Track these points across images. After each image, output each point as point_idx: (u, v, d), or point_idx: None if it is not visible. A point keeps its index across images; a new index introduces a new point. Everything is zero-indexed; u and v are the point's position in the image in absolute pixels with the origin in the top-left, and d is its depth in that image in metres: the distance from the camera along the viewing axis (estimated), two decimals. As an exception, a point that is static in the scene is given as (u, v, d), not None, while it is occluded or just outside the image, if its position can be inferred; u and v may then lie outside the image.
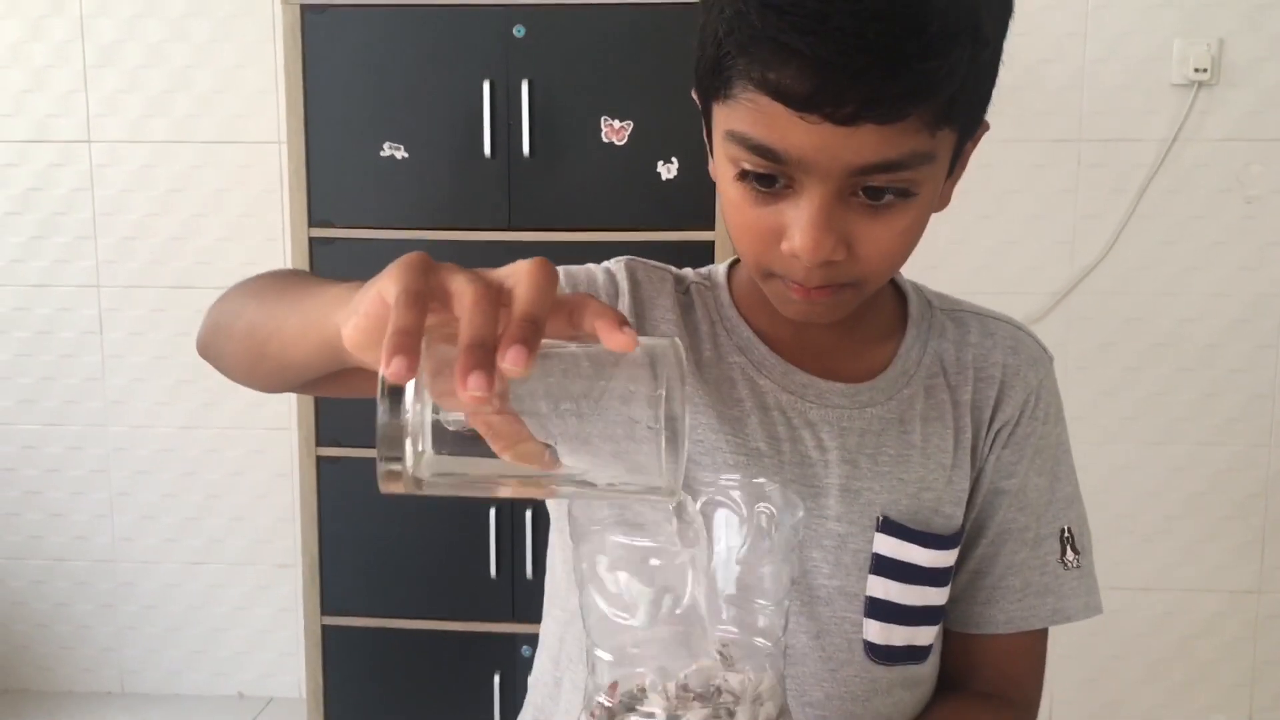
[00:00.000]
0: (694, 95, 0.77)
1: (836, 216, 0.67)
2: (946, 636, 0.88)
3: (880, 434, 0.81)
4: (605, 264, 0.87)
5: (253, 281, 0.75)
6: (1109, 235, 2.33)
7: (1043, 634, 0.88)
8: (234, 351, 0.72)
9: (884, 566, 0.80)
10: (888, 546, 0.80)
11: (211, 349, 0.76)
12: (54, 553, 2.60)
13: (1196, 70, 2.24)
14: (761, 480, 0.59)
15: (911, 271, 0.98)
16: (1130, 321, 2.35)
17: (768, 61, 0.63)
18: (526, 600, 2.11)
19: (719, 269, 0.88)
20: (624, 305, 0.83)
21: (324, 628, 2.14)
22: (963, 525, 0.84)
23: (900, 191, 0.67)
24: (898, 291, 0.89)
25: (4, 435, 2.56)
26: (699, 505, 0.57)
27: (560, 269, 0.81)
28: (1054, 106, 2.30)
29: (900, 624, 0.81)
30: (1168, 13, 2.26)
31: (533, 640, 2.12)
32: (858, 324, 0.83)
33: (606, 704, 0.56)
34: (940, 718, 0.84)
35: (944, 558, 0.82)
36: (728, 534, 0.57)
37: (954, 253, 2.29)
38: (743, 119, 0.66)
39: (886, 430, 0.81)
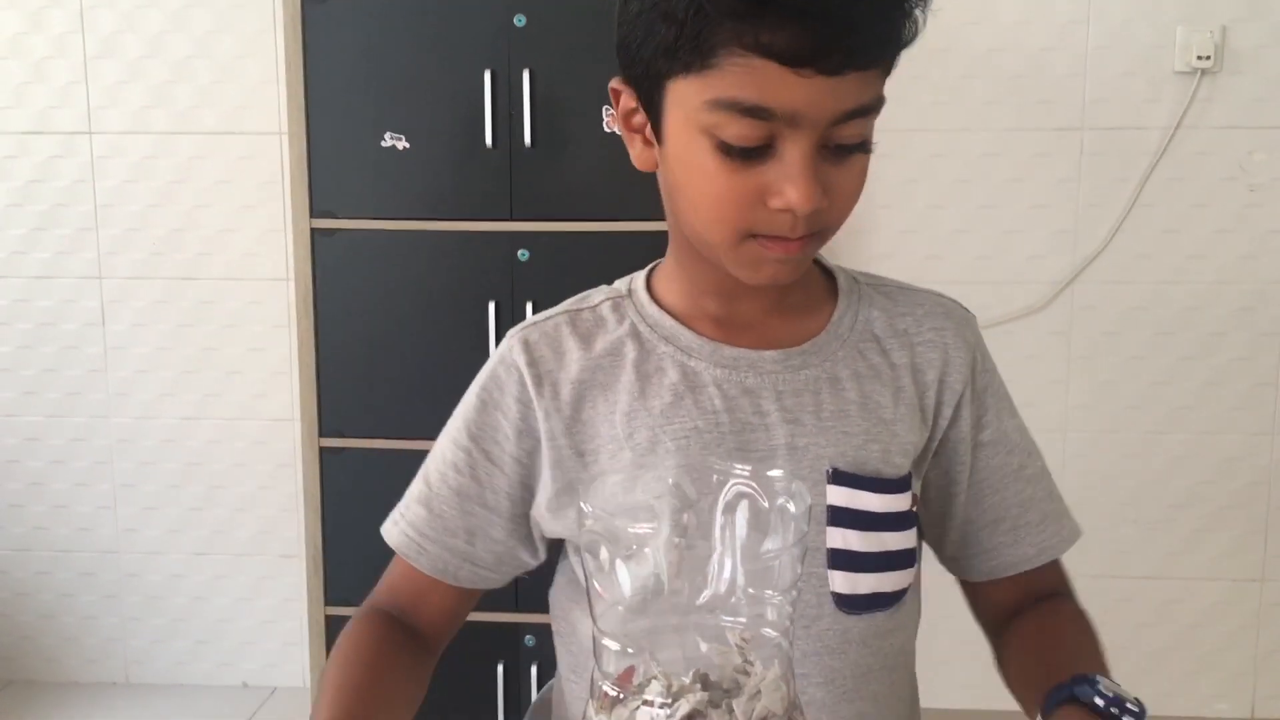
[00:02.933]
0: (620, 84, 0.80)
1: (819, 167, 0.73)
2: (988, 592, 0.93)
3: (817, 393, 0.84)
4: (498, 351, 0.89)
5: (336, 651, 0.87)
6: (1111, 224, 2.32)
7: (1060, 562, 0.93)
8: None
9: (840, 517, 0.83)
10: (841, 497, 0.83)
11: None
12: (58, 544, 2.60)
13: (1199, 58, 2.23)
14: (775, 473, 0.59)
15: (913, 262, 0.99)
16: (1133, 310, 2.35)
17: (760, 25, 0.67)
18: (529, 590, 2.09)
19: (637, 277, 0.92)
20: (529, 380, 0.85)
21: (328, 618, 2.15)
22: (909, 475, 0.86)
23: (860, 145, 0.74)
24: (824, 270, 0.92)
25: (7, 427, 2.56)
26: (723, 496, 0.57)
27: (474, 390, 0.88)
28: (1056, 95, 2.30)
29: (864, 572, 0.84)
30: (1170, 0, 2.25)
31: (536, 630, 2.13)
32: (786, 296, 0.87)
33: (610, 691, 0.56)
34: (1027, 631, 0.88)
35: (896, 501, 0.84)
36: (747, 525, 0.57)
37: (956, 242, 2.29)
38: (731, 84, 0.70)
39: (822, 389, 0.84)
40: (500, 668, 2.13)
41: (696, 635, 0.56)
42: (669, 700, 0.54)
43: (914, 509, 0.87)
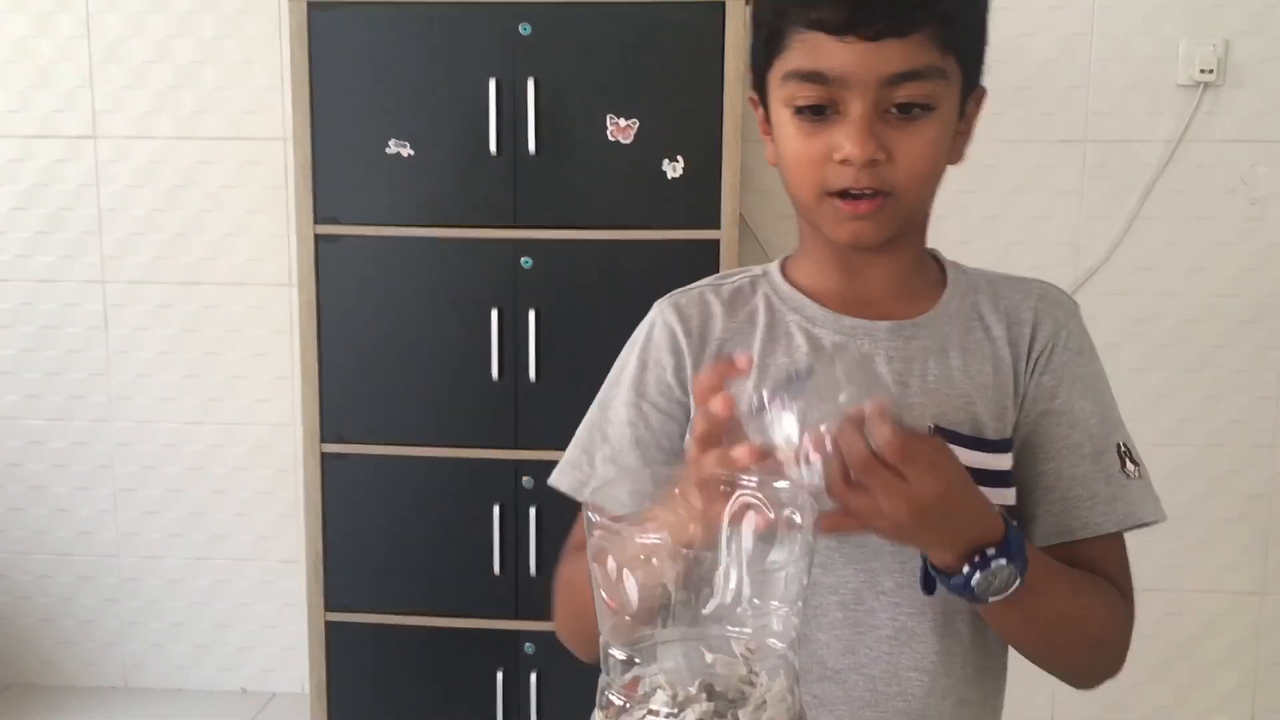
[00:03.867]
0: (751, 95, 0.94)
1: (876, 126, 0.84)
2: None
3: (924, 360, 0.93)
4: (648, 318, 1.00)
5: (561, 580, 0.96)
6: (1114, 236, 2.33)
7: (1120, 542, 0.95)
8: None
9: None
10: None
11: (566, 635, 0.97)
12: (58, 548, 2.60)
13: (1202, 71, 2.24)
14: (781, 484, 0.61)
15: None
16: (1135, 322, 2.35)
17: (812, 5, 0.82)
18: (530, 597, 2.11)
19: (772, 262, 1.03)
20: (683, 337, 0.97)
21: (328, 623, 2.15)
22: (1011, 439, 0.93)
23: (924, 106, 0.84)
24: (939, 265, 1.02)
25: (8, 430, 2.56)
26: (729, 507, 0.57)
27: (632, 353, 0.99)
28: (1059, 107, 2.30)
29: None
30: (1174, 13, 2.26)
31: (535, 637, 2.13)
32: (903, 278, 0.96)
33: (616, 700, 0.56)
34: (1061, 568, 0.90)
35: (996, 460, 0.91)
36: (754, 536, 0.57)
37: (959, 253, 2.28)
38: (795, 58, 0.85)
39: (929, 357, 0.93)
40: (500, 675, 2.13)
41: (702, 645, 0.56)
42: (674, 710, 0.54)
43: (1013, 470, 0.92)
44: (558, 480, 0.99)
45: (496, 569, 2.09)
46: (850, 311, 0.95)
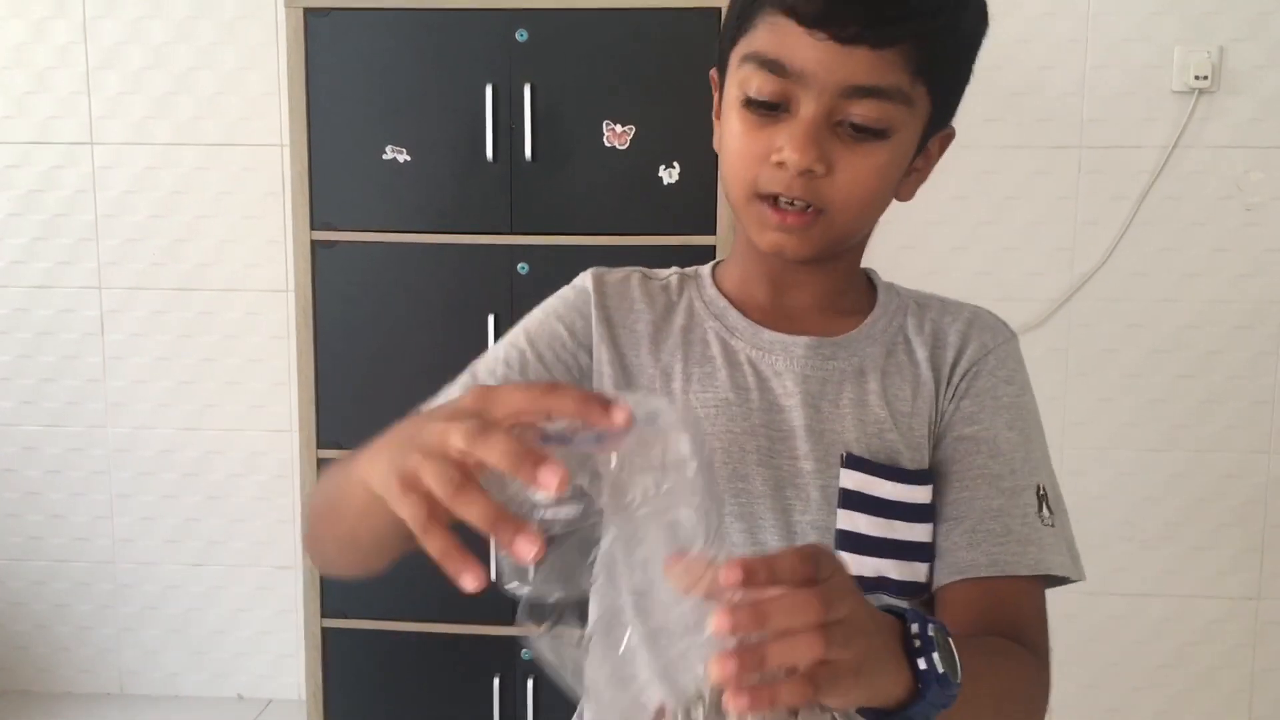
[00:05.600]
0: (712, 73, 0.88)
1: (823, 135, 0.79)
2: (943, 594, 0.87)
3: (840, 383, 0.89)
4: (573, 281, 0.96)
5: (323, 477, 0.86)
6: (1109, 242, 2.33)
7: (1037, 588, 0.86)
8: (327, 539, 0.83)
9: (851, 500, 0.85)
10: (854, 481, 0.86)
11: (314, 545, 0.86)
12: (54, 554, 2.60)
13: (1197, 77, 2.25)
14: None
15: (912, 278, 1.00)
16: (1130, 328, 2.35)
17: None
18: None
19: (704, 266, 0.99)
20: (594, 308, 0.92)
21: (324, 630, 2.14)
22: (930, 470, 0.87)
23: (878, 133, 0.79)
24: (870, 284, 0.97)
25: (5, 436, 2.56)
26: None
27: (540, 306, 0.94)
28: (1054, 113, 2.31)
29: (868, 555, 0.85)
30: (1168, 20, 2.26)
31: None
32: (831, 296, 0.93)
33: None
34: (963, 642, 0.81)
35: (911, 493, 0.86)
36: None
37: (954, 259, 2.30)
38: (759, 40, 0.79)
39: (845, 380, 0.89)
40: (496, 681, 2.13)
41: (687, 664, 0.54)
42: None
43: (932, 503, 0.87)
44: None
45: (493, 574, 2.09)
46: (771, 325, 0.91)
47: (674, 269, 0.98)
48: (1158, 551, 2.40)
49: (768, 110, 0.80)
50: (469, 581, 0.54)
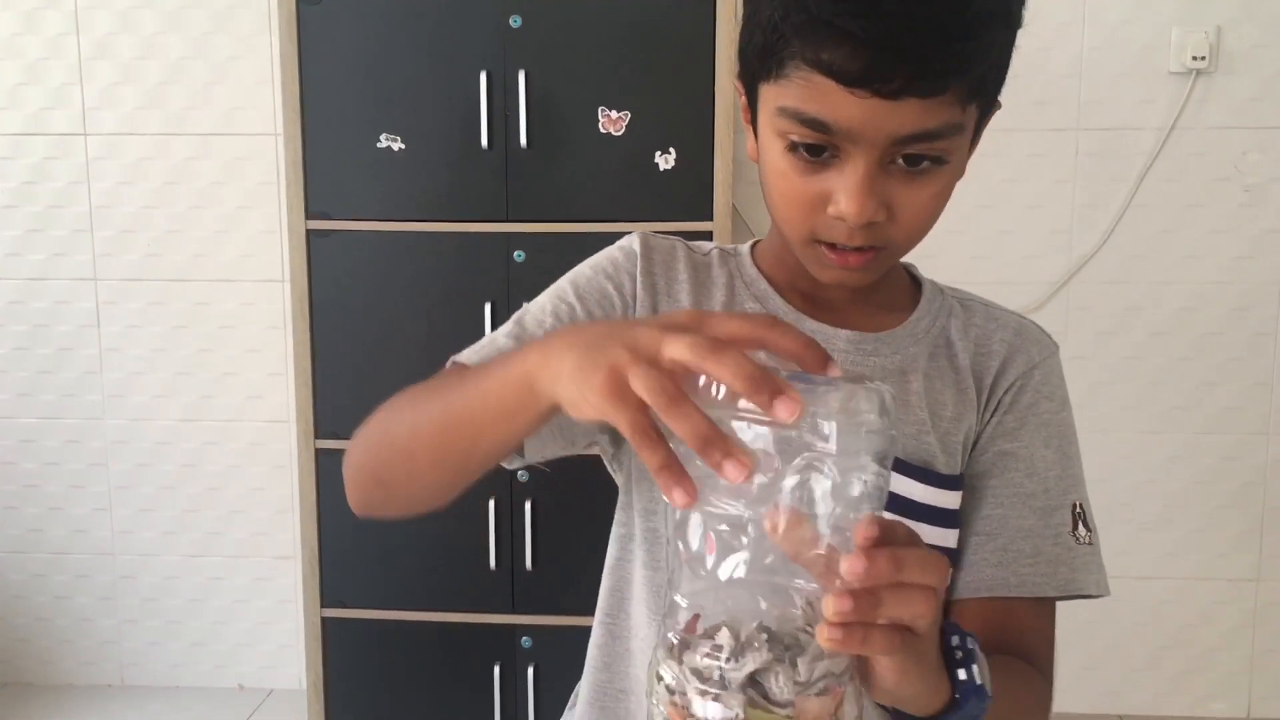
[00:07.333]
0: (737, 82, 0.83)
1: (879, 182, 0.74)
2: (960, 607, 0.88)
3: (881, 380, 0.84)
4: (619, 242, 0.93)
5: (399, 399, 0.83)
6: (1107, 224, 2.33)
7: (1052, 609, 0.87)
8: (416, 458, 0.78)
9: None
10: None
11: (385, 472, 0.81)
12: (53, 546, 2.60)
13: (1194, 58, 2.24)
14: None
15: (910, 261, 0.99)
16: (1128, 310, 2.35)
17: (822, 43, 0.70)
18: (526, 592, 2.11)
19: (741, 245, 0.96)
20: (640, 273, 0.90)
21: (324, 620, 2.14)
22: (961, 476, 0.86)
23: (935, 159, 0.75)
24: (913, 278, 0.95)
25: (2, 429, 2.55)
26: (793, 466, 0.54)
27: (586, 263, 0.91)
28: (1052, 95, 2.30)
29: None
30: (1165, 1, 2.25)
31: (532, 631, 2.13)
32: (874, 292, 0.88)
33: (675, 639, 0.55)
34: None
35: (943, 497, 0.84)
36: (828, 489, 0.54)
37: (952, 243, 2.29)
38: (795, 95, 0.73)
39: (887, 377, 0.85)
40: (497, 669, 2.13)
41: (759, 594, 0.54)
42: (736, 651, 0.53)
43: (960, 510, 0.86)
44: (456, 357, 0.88)
45: (492, 563, 2.09)
46: (812, 314, 0.89)
47: (714, 244, 0.95)
48: (1157, 534, 2.41)
49: (815, 156, 0.75)
50: (680, 497, 0.52)
